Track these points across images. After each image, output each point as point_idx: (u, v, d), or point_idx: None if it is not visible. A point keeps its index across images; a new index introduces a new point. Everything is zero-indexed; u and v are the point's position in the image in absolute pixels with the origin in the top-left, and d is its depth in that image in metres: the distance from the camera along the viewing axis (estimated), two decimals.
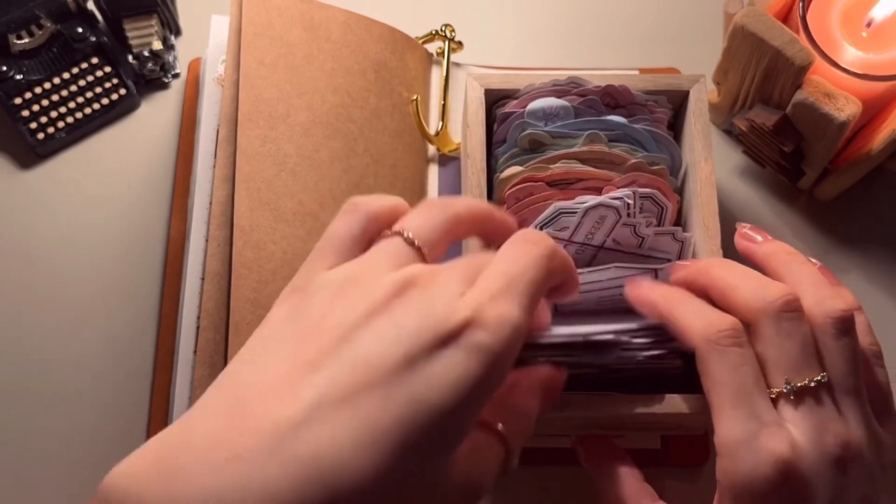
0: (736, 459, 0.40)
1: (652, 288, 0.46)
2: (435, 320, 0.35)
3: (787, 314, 0.41)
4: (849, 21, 0.54)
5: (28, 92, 0.59)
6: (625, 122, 0.50)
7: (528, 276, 0.38)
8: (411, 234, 0.39)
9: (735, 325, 0.41)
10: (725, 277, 0.44)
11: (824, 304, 0.42)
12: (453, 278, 0.37)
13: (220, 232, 0.51)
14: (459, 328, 0.35)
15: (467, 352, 0.34)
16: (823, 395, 0.41)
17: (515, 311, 0.36)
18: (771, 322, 0.41)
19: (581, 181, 0.49)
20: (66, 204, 0.59)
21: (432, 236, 0.39)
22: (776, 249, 0.46)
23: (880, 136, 0.54)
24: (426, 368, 0.34)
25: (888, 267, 0.59)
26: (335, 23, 0.56)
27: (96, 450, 0.54)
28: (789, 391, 0.40)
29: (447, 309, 0.35)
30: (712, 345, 0.41)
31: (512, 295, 0.37)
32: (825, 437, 0.40)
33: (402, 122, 0.57)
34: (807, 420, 0.40)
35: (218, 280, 0.50)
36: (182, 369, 0.52)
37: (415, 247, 0.39)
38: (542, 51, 0.64)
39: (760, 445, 0.39)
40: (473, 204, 0.42)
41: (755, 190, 0.61)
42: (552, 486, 0.53)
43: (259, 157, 0.51)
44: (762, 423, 0.40)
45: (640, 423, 0.50)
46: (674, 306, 0.44)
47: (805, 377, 0.41)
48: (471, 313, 0.35)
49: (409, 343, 0.34)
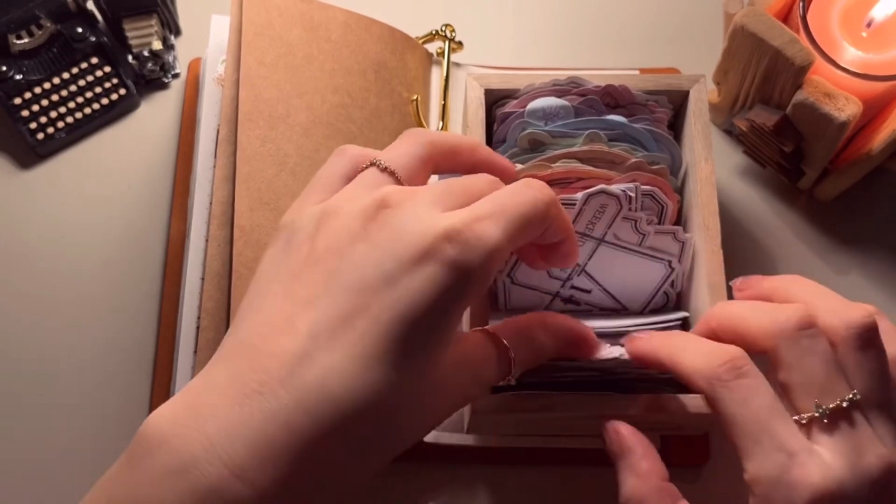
0: (769, 498, 0.37)
1: (650, 339, 0.45)
2: (410, 239, 0.37)
3: (805, 332, 0.39)
4: (849, 21, 0.54)
5: (28, 92, 0.59)
6: (625, 122, 0.50)
7: (520, 210, 0.39)
8: (384, 161, 0.41)
9: (734, 355, 0.40)
10: (735, 312, 0.42)
11: (841, 314, 0.40)
12: (427, 197, 0.39)
13: (220, 232, 0.51)
14: (435, 244, 0.37)
15: (441, 265, 0.37)
16: (857, 415, 0.38)
17: (497, 232, 0.38)
18: (790, 344, 0.39)
19: (581, 180, 0.49)
20: (66, 204, 0.59)
21: (407, 163, 0.42)
22: (777, 281, 0.44)
23: (880, 136, 0.54)
24: (406, 284, 0.37)
25: (888, 267, 0.59)
26: (335, 23, 0.56)
27: (97, 449, 0.54)
28: (822, 414, 0.38)
29: (423, 226, 0.37)
30: (715, 383, 0.39)
31: (497, 219, 0.38)
32: (864, 459, 0.37)
33: (402, 122, 0.57)
34: (843, 443, 0.38)
35: (218, 280, 0.50)
36: (182, 369, 0.52)
37: (388, 172, 0.41)
38: (542, 51, 0.64)
39: (794, 480, 0.37)
40: (452, 136, 0.44)
41: (755, 190, 0.60)
42: (550, 486, 0.53)
43: (259, 157, 0.51)
44: (790, 453, 0.37)
45: (640, 423, 0.50)
46: (672, 351, 0.42)
47: (836, 397, 0.38)
48: (448, 229, 0.37)
49: (388, 263, 0.37)
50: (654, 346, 0.44)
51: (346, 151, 0.43)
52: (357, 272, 0.37)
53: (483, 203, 0.39)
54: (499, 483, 0.54)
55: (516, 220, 0.39)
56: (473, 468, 0.54)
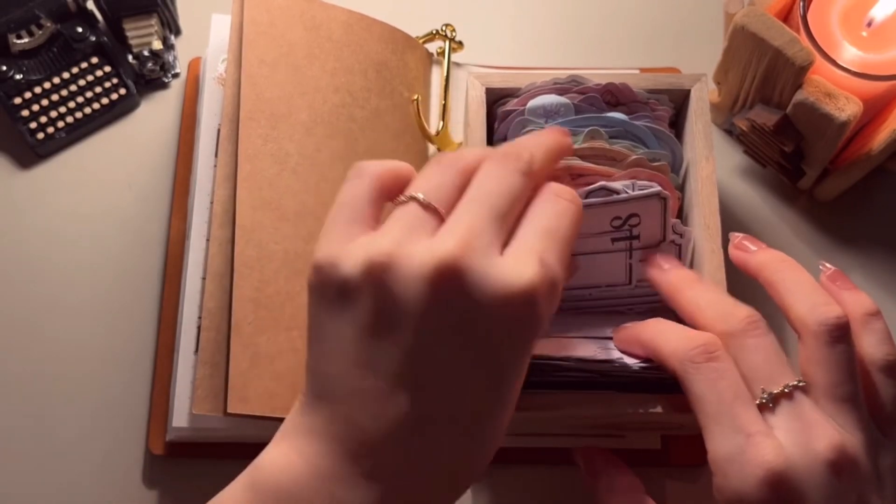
0: (726, 475, 0.40)
1: (633, 326, 0.46)
2: (492, 312, 0.37)
3: (753, 331, 0.42)
4: (849, 21, 0.54)
5: (28, 92, 0.59)
6: (625, 119, 0.50)
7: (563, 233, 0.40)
8: (425, 197, 0.39)
9: (708, 341, 0.42)
10: (695, 299, 0.45)
11: (817, 311, 0.42)
12: (484, 242, 0.38)
13: (221, 231, 0.51)
14: (522, 310, 0.37)
15: (527, 328, 0.38)
16: (804, 401, 0.41)
17: (558, 268, 0.39)
18: (738, 341, 0.42)
19: (582, 177, 0.49)
20: (66, 204, 0.59)
21: (446, 196, 0.40)
22: (769, 258, 0.46)
23: (880, 136, 0.54)
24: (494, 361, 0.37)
25: (888, 267, 0.59)
26: (336, 22, 0.56)
27: (97, 449, 0.54)
28: (767, 399, 0.41)
29: (501, 295, 0.37)
30: (687, 364, 0.42)
31: (553, 252, 0.39)
32: (815, 442, 0.40)
33: (402, 121, 0.57)
34: (790, 425, 0.40)
35: (220, 279, 0.50)
36: (183, 369, 0.52)
37: (431, 209, 0.39)
38: (542, 51, 0.64)
39: (747, 458, 0.39)
40: (482, 153, 0.42)
41: (755, 190, 0.61)
42: (550, 486, 0.53)
43: (260, 156, 0.51)
44: (747, 434, 0.40)
45: (640, 423, 0.50)
46: (652, 336, 0.44)
47: (779, 384, 0.41)
48: (527, 291, 0.37)
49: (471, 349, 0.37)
50: (636, 332, 0.46)
51: (364, 171, 0.41)
52: (440, 359, 0.37)
53: (535, 236, 0.39)
54: (499, 483, 0.54)
55: (566, 244, 0.40)
56: None
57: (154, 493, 0.53)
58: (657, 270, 0.48)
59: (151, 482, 0.53)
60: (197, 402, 0.48)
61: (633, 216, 0.48)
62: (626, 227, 0.48)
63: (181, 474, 0.53)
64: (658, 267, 0.48)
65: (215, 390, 0.48)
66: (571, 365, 0.46)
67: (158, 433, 0.53)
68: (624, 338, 0.47)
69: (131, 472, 0.53)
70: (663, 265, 0.48)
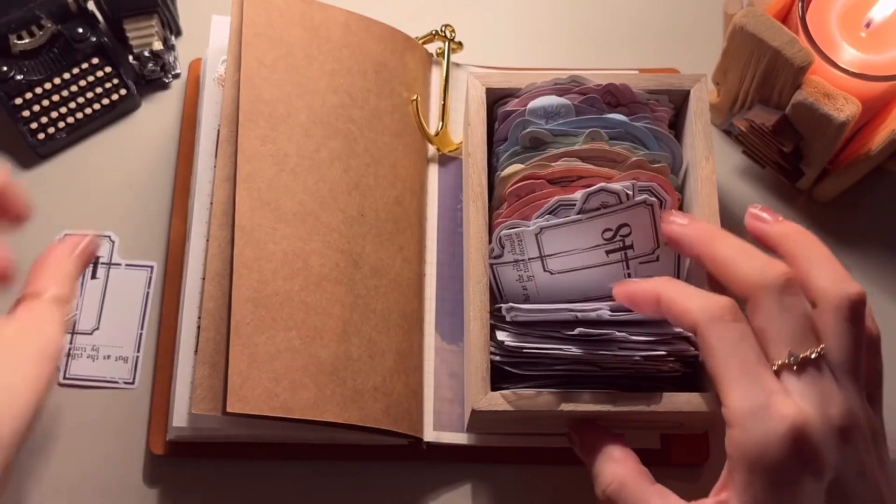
0: (747, 428, 0.40)
1: (639, 281, 0.46)
2: None
3: (790, 289, 0.42)
4: (848, 21, 0.54)
5: (29, 92, 0.59)
6: (626, 120, 0.51)
7: None
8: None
9: (733, 304, 0.42)
10: (726, 251, 0.44)
11: (841, 285, 0.43)
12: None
13: (221, 232, 0.51)
14: None
15: None
16: (824, 368, 0.41)
17: None
18: (773, 297, 0.42)
19: (582, 178, 0.49)
20: (67, 204, 0.59)
21: None
22: (789, 230, 0.46)
23: (879, 136, 0.54)
24: None
25: (888, 267, 0.59)
26: (335, 23, 0.56)
27: (97, 449, 0.54)
28: (793, 362, 0.41)
29: None
30: (715, 320, 0.42)
31: None
32: (829, 407, 0.41)
33: (402, 122, 0.57)
34: (810, 389, 0.41)
35: (219, 280, 0.50)
36: (182, 369, 0.52)
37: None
38: (541, 51, 0.64)
39: (771, 412, 0.40)
40: None
41: (755, 190, 0.61)
42: (550, 486, 0.53)
43: (259, 156, 0.52)
44: (769, 391, 0.40)
45: (640, 422, 0.50)
46: (668, 290, 0.44)
47: (807, 348, 0.41)
48: None
49: None
50: (650, 285, 0.45)
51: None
52: None
53: None
54: (499, 483, 0.54)
55: None
56: (473, 468, 0.54)
57: (154, 492, 0.53)
58: (676, 227, 0.46)
59: (152, 482, 0.53)
60: (196, 402, 0.49)
61: (623, 226, 0.48)
62: (618, 238, 0.48)
63: (181, 474, 0.53)
64: (675, 223, 0.46)
65: (214, 390, 0.49)
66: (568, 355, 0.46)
67: (159, 433, 0.53)
68: (630, 291, 0.46)
69: (131, 472, 0.53)
70: (680, 220, 0.46)
